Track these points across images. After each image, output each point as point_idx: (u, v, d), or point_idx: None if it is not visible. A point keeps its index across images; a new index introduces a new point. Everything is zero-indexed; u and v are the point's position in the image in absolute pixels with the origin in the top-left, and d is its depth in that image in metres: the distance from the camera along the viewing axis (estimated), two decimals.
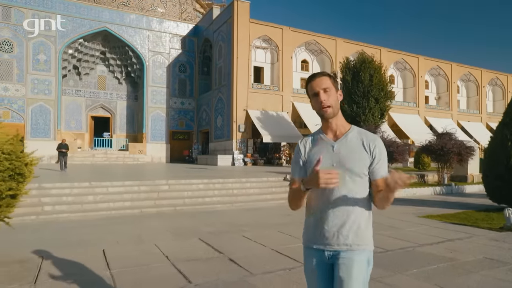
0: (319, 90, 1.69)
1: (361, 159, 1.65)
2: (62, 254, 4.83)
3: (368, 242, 1.69)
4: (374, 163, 1.66)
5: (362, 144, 1.68)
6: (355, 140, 1.69)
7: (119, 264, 4.40)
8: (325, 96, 1.68)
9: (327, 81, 1.70)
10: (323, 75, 1.73)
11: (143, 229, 6.76)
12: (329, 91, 1.69)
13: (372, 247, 1.71)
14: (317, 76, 1.73)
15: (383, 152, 1.70)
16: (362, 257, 1.65)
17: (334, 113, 1.70)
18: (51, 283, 3.78)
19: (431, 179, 15.99)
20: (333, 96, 1.70)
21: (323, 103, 1.68)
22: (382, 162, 1.68)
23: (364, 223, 1.68)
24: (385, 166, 1.69)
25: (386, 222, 7.23)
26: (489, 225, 7.03)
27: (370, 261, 1.70)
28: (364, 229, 1.68)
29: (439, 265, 4.19)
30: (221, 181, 11.16)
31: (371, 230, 1.73)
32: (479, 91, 37.64)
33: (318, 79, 1.71)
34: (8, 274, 4.05)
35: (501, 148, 8.92)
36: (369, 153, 1.67)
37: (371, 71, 18.95)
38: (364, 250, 1.66)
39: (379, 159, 1.67)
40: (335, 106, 1.70)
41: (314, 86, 1.71)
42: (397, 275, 3.85)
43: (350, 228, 1.64)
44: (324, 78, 1.71)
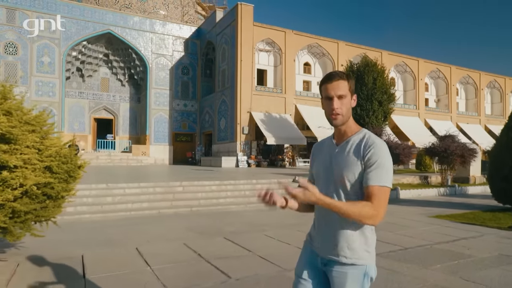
0: (334, 96, 1.57)
1: (354, 165, 1.55)
2: (98, 253, 5.07)
3: (364, 256, 1.58)
4: (366, 168, 1.53)
5: (359, 148, 1.57)
6: (355, 145, 1.59)
7: (156, 261, 4.65)
8: (338, 103, 1.58)
9: (345, 86, 1.59)
10: (341, 78, 1.60)
11: (166, 228, 7.01)
12: (344, 98, 1.58)
13: (371, 261, 1.60)
14: (334, 79, 1.59)
15: (380, 157, 1.52)
16: (357, 271, 1.57)
17: (343, 121, 1.61)
18: (99, 277, 4.03)
19: (434, 181, 16.32)
20: (346, 104, 1.60)
21: (335, 111, 1.58)
22: (376, 168, 1.51)
23: (360, 236, 1.58)
24: (379, 173, 1.50)
25: (400, 222, 7.53)
26: (498, 224, 7.33)
27: (368, 275, 1.59)
28: (359, 242, 1.57)
29: (459, 260, 4.48)
30: (233, 183, 11.43)
31: (369, 244, 1.60)
32: (478, 93, 38.12)
33: (335, 83, 1.58)
34: (57, 270, 4.30)
35: (506, 151, 9.23)
36: (361, 159, 1.54)
37: (374, 75, 19.31)
38: (359, 265, 1.57)
39: (371, 163, 1.52)
40: (346, 114, 1.60)
41: (329, 89, 1.59)
42: (422, 269, 4.13)
43: (344, 240, 1.57)
44: (342, 82, 1.58)
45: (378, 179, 1.49)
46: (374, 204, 1.46)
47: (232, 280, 3.91)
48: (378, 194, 1.48)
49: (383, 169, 1.51)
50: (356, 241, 1.57)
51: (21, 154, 2.94)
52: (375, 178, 1.49)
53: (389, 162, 1.55)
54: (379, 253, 4.91)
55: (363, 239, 1.59)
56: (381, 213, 1.48)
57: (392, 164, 1.57)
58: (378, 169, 1.50)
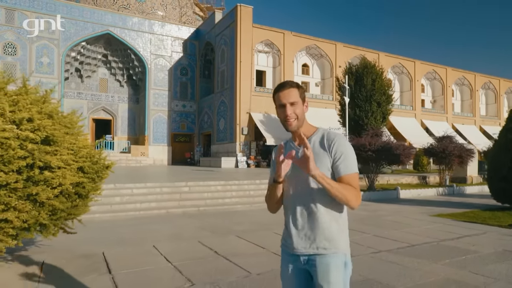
0: (286, 103, 1.67)
1: (322, 160, 1.64)
2: (117, 250, 5.24)
3: (341, 245, 1.66)
4: (335, 161, 1.64)
5: (323, 145, 1.68)
6: (317, 143, 1.70)
7: (176, 258, 4.83)
8: (291, 110, 1.67)
9: (295, 93, 1.69)
10: (291, 87, 1.70)
11: (178, 227, 7.18)
12: (296, 104, 1.68)
13: (348, 250, 1.69)
14: (285, 88, 1.70)
15: (345, 148, 1.66)
16: (338, 260, 1.63)
17: (298, 126, 1.71)
18: (126, 273, 4.21)
19: (433, 181, 16.62)
20: (299, 109, 1.69)
21: (289, 117, 1.68)
22: (344, 159, 1.64)
23: (336, 226, 1.66)
24: (348, 162, 1.64)
25: (403, 221, 7.77)
26: (498, 222, 7.58)
27: (347, 263, 1.67)
28: (336, 232, 1.65)
29: (466, 256, 4.71)
30: (237, 183, 11.61)
31: (345, 233, 1.70)
32: (473, 94, 38.62)
33: (286, 91, 1.69)
34: (82, 266, 4.47)
35: (505, 151, 9.49)
36: (329, 152, 1.65)
37: (373, 76, 19.59)
38: (338, 254, 1.64)
39: (339, 156, 1.64)
40: (300, 118, 1.70)
41: (281, 98, 1.69)
42: (432, 264, 4.35)
43: (321, 232, 1.63)
44: (292, 90, 1.69)
45: (349, 168, 1.63)
46: (356, 188, 1.61)
47: (253, 275, 4.10)
48: (353, 180, 1.62)
49: (350, 158, 1.65)
50: (332, 232, 1.64)
51: (61, 155, 3.11)
52: (347, 168, 1.63)
53: (351, 150, 1.68)
54: (389, 249, 5.16)
55: (338, 229, 1.66)
56: (360, 196, 1.62)
57: (353, 151, 1.70)
58: (346, 159, 1.64)
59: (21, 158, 2.80)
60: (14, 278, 3.99)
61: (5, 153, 2.66)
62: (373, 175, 13.06)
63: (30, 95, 3.08)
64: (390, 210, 9.53)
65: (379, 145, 12.37)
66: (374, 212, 9.11)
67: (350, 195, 1.56)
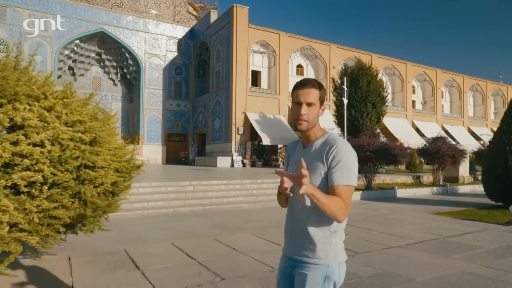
0: (303, 102, 1.60)
1: (318, 167, 1.58)
2: (138, 248, 5.38)
3: (325, 256, 1.58)
4: (330, 168, 1.56)
5: (323, 150, 1.60)
6: (318, 147, 1.63)
7: (198, 255, 5.00)
8: (306, 110, 1.60)
9: (315, 94, 1.62)
10: (313, 87, 1.63)
11: (189, 226, 7.34)
12: (313, 106, 1.61)
13: (334, 261, 1.60)
14: (306, 86, 1.63)
15: (343, 157, 1.55)
16: (316, 272, 1.57)
17: (308, 128, 1.64)
18: (154, 269, 4.37)
19: (426, 180, 17.07)
20: (314, 112, 1.62)
21: (302, 117, 1.61)
22: (340, 168, 1.54)
23: (324, 237, 1.59)
24: (344, 173, 1.54)
25: (406, 219, 8.07)
26: (495, 220, 7.94)
27: (329, 277, 1.58)
28: (322, 243, 1.58)
29: (474, 251, 5.01)
30: (239, 182, 11.80)
31: (335, 245, 1.61)
32: (461, 96, 39.51)
33: (306, 90, 1.62)
34: (109, 262, 4.62)
35: (500, 152, 9.89)
36: (325, 159, 1.57)
37: (368, 78, 19.98)
38: (318, 265, 1.57)
39: (335, 164, 1.54)
40: (312, 121, 1.63)
41: (300, 95, 1.62)
42: (444, 258, 4.63)
43: (307, 240, 1.60)
44: (313, 90, 1.62)
45: (343, 179, 1.53)
46: (344, 202, 1.51)
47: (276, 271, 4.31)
48: (344, 193, 1.52)
49: (347, 169, 1.54)
50: (317, 242, 1.58)
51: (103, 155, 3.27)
52: (340, 178, 1.53)
53: (351, 160, 1.57)
54: (399, 245, 5.42)
55: (324, 240, 1.59)
56: (348, 210, 1.53)
57: (356, 160, 1.59)
58: (342, 169, 1.53)
59: (75, 159, 2.96)
60: (49, 273, 4.12)
61: (63, 153, 2.80)
62: (371, 175, 13.40)
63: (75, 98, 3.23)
64: (390, 208, 9.85)
65: (377, 146, 12.70)
66: (376, 211, 9.40)
67: (337, 210, 1.47)
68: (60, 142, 2.81)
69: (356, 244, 5.57)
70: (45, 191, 2.77)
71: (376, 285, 3.65)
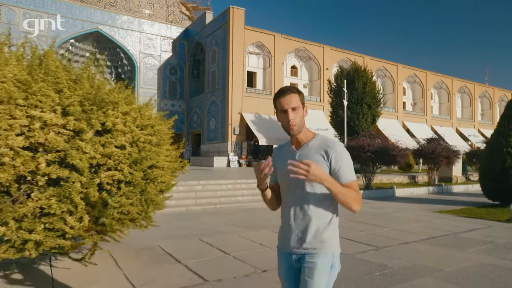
0: (288, 109, 1.71)
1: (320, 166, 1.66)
2: (170, 244, 5.61)
3: (330, 246, 1.72)
4: (335, 169, 1.69)
5: (321, 151, 1.72)
6: (315, 147, 1.75)
7: (230, 249, 5.26)
8: (293, 114, 1.71)
9: (296, 99, 1.73)
10: (292, 92, 1.74)
11: (208, 224, 7.58)
12: (297, 109, 1.72)
13: (337, 251, 1.75)
14: (286, 93, 1.74)
15: (343, 157, 1.71)
16: (325, 261, 1.69)
17: (299, 130, 1.75)
18: (195, 262, 4.61)
19: (421, 180, 17.64)
20: (299, 114, 1.74)
21: (291, 122, 1.72)
22: (344, 167, 1.70)
23: (326, 228, 1.72)
24: (348, 170, 1.71)
25: (412, 217, 8.48)
26: (495, 218, 8.40)
27: (334, 264, 1.73)
28: (326, 234, 1.71)
29: (487, 245, 5.41)
30: (245, 182, 12.06)
31: (335, 235, 1.76)
32: (450, 98, 40.54)
33: (288, 97, 1.73)
34: (150, 257, 4.85)
35: (497, 153, 10.40)
36: (326, 159, 1.70)
37: (364, 80, 20.47)
38: (326, 254, 1.70)
39: (340, 165, 1.69)
40: (300, 123, 1.74)
41: (283, 103, 1.73)
42: (461, 252, 5.00)
43: (312, 233, 1.70)
44: (294, 96, 1.73)
45: (349, 175, 1.70)
46: (357, 192, 1.69)
47: None
48: (354, 186, 1.69)
49: (349, 167, 1.72)
50: (322, 232, 1.71)
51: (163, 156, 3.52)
52: (347, 176, 1.69)
53: (349, 157, 1.75)
54: (414, 240, 5.78)
55: (328, 230, 1.73)
56: (361, 200, 1.70)
57: (350, 157, 1.77)
58: (346, 167, 1.70)
59: (148, 159, 3.19)
60: (99, 265, 4.33)
61: (138, 155, 3.04)
62: (371, 175, 13.83)
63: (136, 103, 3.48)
64: (394, 207, 10.26)
65: (377, 147, 13.13)
66: (381, 209, 9.79)
67: (353, 198, 1.64)
68: (137, 145, 3.05)
69: (373, 239, 5.91)
70: (123, 188, 3.01)
71: (409, 274, 3.99)
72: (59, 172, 2.68)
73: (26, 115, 2.59)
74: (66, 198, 2.77)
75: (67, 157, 2.69)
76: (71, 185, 2.71)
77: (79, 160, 2.69)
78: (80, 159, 2.70)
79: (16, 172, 2.56)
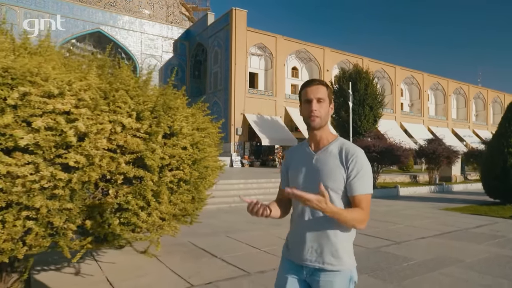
0: (313, 99, 1.62)
1: (336, 173, 1.58)
2: (200, 240, 5.93)
3: (348, 261, 1.61)
4: (350, 177, 1.57)
5: (340, 156, 1.61)
6: (335, 153, 1.63)
7: (260, 245, 5.60)
8: (317, 106, 1.62)
9: (324, 91, 1.64)
10: (321, 84, 1.66)
11: (228, 221, 7.91)
12: (323, 102, 1.63)
13: (353, 265, 1.64)
14: (314, 83, 1.66)
15: (363, 166, 1.59)
16: (343, 278, 1.60)
17: (321, 125, 1.64)
18: (231, 257, 4.94)
19: (422, 179, 18.11)
20: (325, 108, 1.64)
21: (313, 113, 1.61)
22: (360, 178, 1.57)
23: (344, 243, 1.61)
24: (364, 182, 1.58)
25: (421, 214, 8.88)
26: (499, 215, 8.83)
27: (352, 280, 1.63)
28: (343, 250, 1.60)
29: (499, 239, 5.81)
30: (255, 181, 12.42)
31: (351, 249, 1.65)
32: (446, 99, 41.24)
33: (315, 87, 1.64)
34: (186, 252, 5.18)
35: (498, 154, 10.86)
36: (345, 166, 1.58)
37: (365, 81, 20.92)
38: (344, 271, 1.60)
39: (355, 173, 1.57)
40: (324, 118, 1.64)
41: (309, 92, 1.64)
42: (476, 245, 5.40)
43: (329, 248, 1.59)
44: (321, 87, 1.65)
45: (364, 188, 1.56)
46: (364, 211, 1.56)
47: None
48: (365, 201, 1.57)
49: (366, 178, 1.58)
50: (340, 248, 1.59)
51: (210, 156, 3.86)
52: (361, 188, 1.56)
53: (369, 169, 1.62)
54: (431, 235, 6.16)
55: (346, 245, 1.62)
56: (368, 217, 1.58)
57: (371, 169, 1.65)
58: (363, 178, 1.57)
59: (205, 160, 3.52)
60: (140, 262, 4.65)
61: (198, 155, 3.36)
62: (376, 175, 14.25)
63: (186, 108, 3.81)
64: (402, 205, 10.66)
65: (382, 147, 13.55)
66: (390, 207, 10.19)
67: (357, 220, 1.53)
68: (197, 146, 3.38)
69: (391, 235, 6.29)
70: (183, 187, 3.33)
71: (435, 264, 4.37)
72: (135, 171, 3.00)
73: (109, 120, 2.90)
74: (140, 195, 3.09)
75: (143, 158, 3.01)
76: (146, 183, 3.03)
77: (153, 161, 3.01)
78: (154, 160, 3.02)
79: (102, 171, 2.88)
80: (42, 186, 2.64)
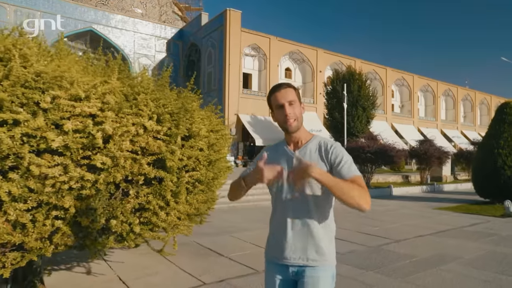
0: (285, 103, 1.61)
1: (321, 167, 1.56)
2: (205, 240, 6.02)
3: (331, 257, 1.64)
4: (336, 166, 1.58)
5: (320, 152, 1.64)
6: (314, 150, 1.65)
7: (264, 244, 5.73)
8: (290, 109, 1.61)
9: (292, 93, 1.64)
10: (288, 87, 1.66)
11: (229, 221, 8.01)
12: (294, 104, 1.63)
13: (335, 262, 1.68)
14: (282, 88, 1.66)
15: (344, 154, 1.61)
16: (327, 273, 1.62)
17: (298, 127, 1.65)
18: (237, 255, 5.07)
19: (413, 179, 18.48)
20: (298, 109, 1.64)
21: (288, 116, 1.61)
22: (345, 163, 1.58)
23: (327, 239, 1.63)
24: (351, 166, 1.58)
25: (415, 213, 9.13)
26: (490, 213, 9.12)
27: (334, 276, 1.66)
28: (326, 245, 1.62)
29: (492, 237, 6.05)
30: None
31: (333, 245, 1.67)
32: (435, 100, 41.96)
33: (283, 91, 1.64)
34: (193, 251, 5.29)
35: (489, 155, 11.18)
36: (326, 160, 1.61)
37: (359, 83, 21.23)
38: (328, 266, 1.63)
39: (339, 161, 1.58)
40: (299, 119, 1.65)
41: (279, 97, 1.63)
42: (472, 243, 5.63)
43: (312, 244, 1.60)
44: (289, 89, 1.65)
45: (353, 171, 1.57)
46: (363, 188, 1.51)
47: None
48: (359, 180, 1.54)
49: (350, 163, 1.59)
50: (323, 245, 1.61)
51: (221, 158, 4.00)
52: (350, 171, 1.56)
53: (350, 157, 1.63)
54: (428, 234, 6.37)
55: (328, 241, 1.64)
56: (369, 197, 1.51)
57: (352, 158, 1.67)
58: (347, 163, 1.58)
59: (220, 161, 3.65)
60: (149, 261, 4.75)
61: (213, 157, 3.48)
62: (369, 175, 14.52)
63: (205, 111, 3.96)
64: (396, 205, 10.91)
65: (376, 148, 13.82)
66: (385, 207, 10.42)
67: (360, 197, 1.45)
68: (213, 148, 3.50)
69: (389, 233, 6.49)
70: (199, 187, 3.45)
71: (435, 260, 4.58)
72: (156, 172, 3.11)
73: (132, 123, 3.01)
74: (160, 195, 3.21)
75: (162, 160, 3.12)
76: (166, 183, 3.14)
77: (173, 162, 3.13)
78: (174, 161, 3.13)
79: (125, 172, 2.98)
80: (71, 186, 2.74)
